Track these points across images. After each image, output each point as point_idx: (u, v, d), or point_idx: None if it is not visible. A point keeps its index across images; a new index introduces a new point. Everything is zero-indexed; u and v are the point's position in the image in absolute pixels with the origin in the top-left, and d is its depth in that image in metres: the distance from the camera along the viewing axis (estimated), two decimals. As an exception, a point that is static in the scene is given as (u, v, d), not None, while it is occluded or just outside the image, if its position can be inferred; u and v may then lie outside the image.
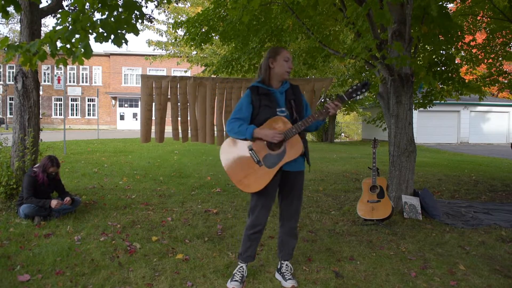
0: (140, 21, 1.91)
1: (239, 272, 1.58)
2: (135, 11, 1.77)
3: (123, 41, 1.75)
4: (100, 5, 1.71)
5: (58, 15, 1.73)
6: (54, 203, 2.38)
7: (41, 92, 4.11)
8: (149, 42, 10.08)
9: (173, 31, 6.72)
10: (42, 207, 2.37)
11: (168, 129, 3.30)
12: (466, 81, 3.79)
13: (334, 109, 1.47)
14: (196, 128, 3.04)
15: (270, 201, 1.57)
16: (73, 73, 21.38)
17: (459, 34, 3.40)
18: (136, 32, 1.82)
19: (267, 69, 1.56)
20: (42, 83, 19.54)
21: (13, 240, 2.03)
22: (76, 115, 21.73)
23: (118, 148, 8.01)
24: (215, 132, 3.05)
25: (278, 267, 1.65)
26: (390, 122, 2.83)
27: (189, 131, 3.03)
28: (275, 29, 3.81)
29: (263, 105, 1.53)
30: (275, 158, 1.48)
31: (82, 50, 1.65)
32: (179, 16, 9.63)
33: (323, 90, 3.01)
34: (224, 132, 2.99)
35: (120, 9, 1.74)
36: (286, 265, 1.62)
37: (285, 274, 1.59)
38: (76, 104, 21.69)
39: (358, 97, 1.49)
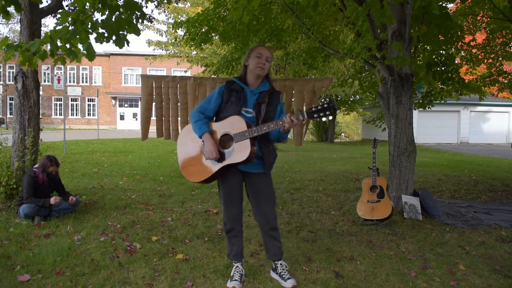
0: (140, 21, 1.91)
1: (237, 271, 1.58)
2: (136, 12, 1.77)
3: (124, 41, 1.75)
4: (100, 5, 1.71)
5: (58, 15, 1.73)
6: (52, 199, 2.37)
7: (41, 92, 4.11)
8: (149, 42, 10.08)
9: (173, 31, 6.72)
10: (42, 207, 2.37)
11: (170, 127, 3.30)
12: (466, 81, 3.79)
13: (289, 124, 1.38)
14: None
15: (232, 198, 1.55)
16: (73, 73, 21.37)
17: (459, 34, 3.40)
18: (137, 32, 1.82)
19: (244, 67, 1.57)
20: (42, 83, 19.53)
21: (13, 240, 2.03)
22: (76, 115, 21.72)
23: (118, 148, 8.01)
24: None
25: (273, 267, 1.63)
26: (390, 122, 2.83)
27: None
28: (275, 29, 3.81)
29: (230, 101, 1.52)
30: (221, 156, 1.47)
31: (85, 51, 1.65)
32: (179, 16, 9.62)
33: (323, 90, 3.01)
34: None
35: (120, 10, 1.74)
36: (281, 264, 1.60)
37: (282, 274, 1.57)
38: (76, 104, 21.69)
39: (321, 119, 1.36)
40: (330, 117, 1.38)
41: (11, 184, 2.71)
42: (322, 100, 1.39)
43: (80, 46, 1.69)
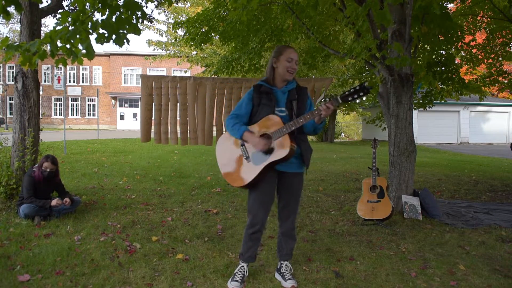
0: (141, 21, 1.92)
1: (240, 272, 1.58)
2: (136, 11, 1.77)
3: (124, 41, 1.75)
4: (100, 5, 1.71)
5: (59, 15, 1.74)
6: (54, 201, 2.38)
7: (41, 92, 4.12)
8: (149, 42, 10.09)
9: (173, 31, 6.72)
10: (42, 207, 2.37)
11: (168, 130, 3.29)
12: (466, 81, 3.79)
13: (326, 111, 1.42)
14: (196, 130, 3.04)
15: (267, 200, 1.57)
16: (73, 73, 21.37)
17: (459, 34, 3.40)
18: (138, 32, 1.81)
19: (271, 68, 1.57)
20: (42, 83, 19.53)
21: (13, 240, 2.03)
22: (76, 115, 21.72)
23: (118, 148, 8.01)
24: (215, 132, 3.06)
25: (278, 267, 1.65)
26: (390, 122, 2.83)
27: (188, 133, 3.03)
28: (275, 29, 3.81)
29: (262, 104, 1.54)
30: (263, 156, 1.50)
31: (84, 51, 1.65)
32: (179, 16, 9.63)
33: (323, 89, 3.02)
34: (224, 131, 2.99)
35: (121, 9, 1.74)
36: (286, 265, 1.62)
37: (284, 274, 1.59)
38: (76, 104, 21.69)
39: (354, 101, 1.42)
40: (364, 98, 1.43)
41: (11, 184, 2.71)
42: (352, 87, 1.44)
43: (80, 46, 1.69)
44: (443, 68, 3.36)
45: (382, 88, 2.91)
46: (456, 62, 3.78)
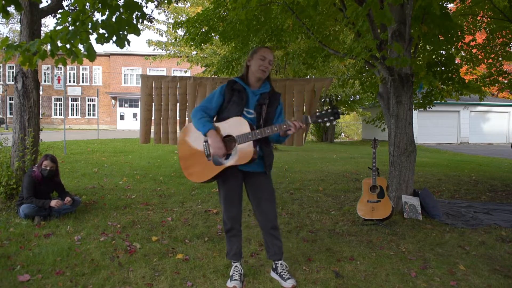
0: (141, 21, 1.92)
1: (236, 271, 1.58)
2: (136, 12, 1.77)
3: (125, 42, 1.75)
4: (100, 5, 1.71)
5: (59, 15, 1.74)
6: (54, 202, 2.38)
7: (41, 92, 4.11)
8: (149, 42, 10.09)
9: (173, 31, 6.72)
10: (42, 207, 2.37)
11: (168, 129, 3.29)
12: (466, 81, 3.79)
13: (294, 129, 1.41)
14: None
15: (233, 198, 1.56)
16: (73, 73, 21.38)
17: (459, 34, 3.40)
18: (138, 32, 1.81)
19: (246, 67, 1.57)
20: (42, 83, 19.54)
21: (13, 240, 2.03)
22: (76, 115, 21.72)
23: (118, 148, 8.01)
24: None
25: (273, 267, 1.64)
26: (390, 122, 2.83)
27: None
28: (275, 29, 3.80)
29: (232, 101, 1.52)
30: (222, 157, 1.48)
31: (85, 52, 1.65)
32: (179, 16, 9.63)
33: (323, 90, 3.01)
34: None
35: (121, 10, 1.74)
36: (281, 264, 1.61)
37: (282, 274, 1.57)
38: (76, 104, 21.69)
39: (324, 124, 1.40)
40: (334, 122, 1.42)
41: (11, 184, 2.71)
42: (325, 108, 1.45)
43: (80, 46, 1.69)
44: (443, 68, 3.36)
45: (382, 88, 2.91)
46: (456, 62, 3.78)
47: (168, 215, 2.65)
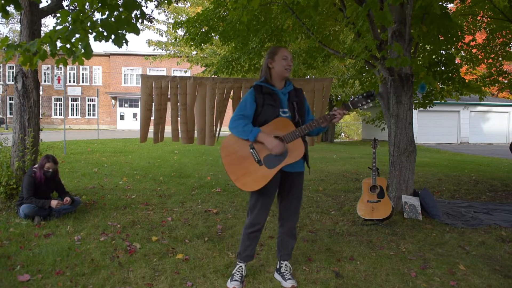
0: (140, 20, 1.92)
1: (238, 271, 1.58)
2: (136, 11, 1.77)
3: (123, 41, 1.75)
4: (100, 4, 1.71)
5: (58, 15, 1.73)
6: (54, 203, 2.38)
7: (41, 92, 4.11)
8: (149, 42, 10.09)
9: (173, 31, 6.71)
10: (42, 207, 2.37)
11: (168, 129, 3.30)
12: (466, 81, 3.79)
13: (339, 117, 1.49)
14: (196, 130, 3.03)
15: (270, 201, 1.58)
16: (73, 73, 21.37)
17: (459, 34, 3.40)
18: (137, 32, 1.81)
19: (267, 70, 1.59)
20: (42, 83, 19.54)
21: (13, 240, 2.03)
22: (76, 115, 21.72)
23: (118, 148, 8.01)
24: (217, 132, 3.06)
25: (277, 267, 1.65)
26: (390, 122, 2.83)
27: (187, 133, 3.03)
28: (275, 29, 3.81)
29: (266, 104, 1.53)
30: (275, 159, 1.49)
31: (82, 50, 1.65)
32: (179, 16, 9.64)
33: (325, 90, 3.01)
34: (217, 132, 2.99)
35: (120, 9, 1.74)
36: (285, 265, 1.63)
37: (284, 274, 1.59)
38: (76, 104, 21.69)
39: (363, 107, 1.49)
40: (371, 104, 1.51)
41: (11, 184, 2.71)
42: (360, 93, 1.54)
43: (79, 45, 1.68)
44: (443, 68, 3.37)
45: (382, 88, 2.91)
46: (456, 62, 3.78)
47: (168, 215, 2.65)
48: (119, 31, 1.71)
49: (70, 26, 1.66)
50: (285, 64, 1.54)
